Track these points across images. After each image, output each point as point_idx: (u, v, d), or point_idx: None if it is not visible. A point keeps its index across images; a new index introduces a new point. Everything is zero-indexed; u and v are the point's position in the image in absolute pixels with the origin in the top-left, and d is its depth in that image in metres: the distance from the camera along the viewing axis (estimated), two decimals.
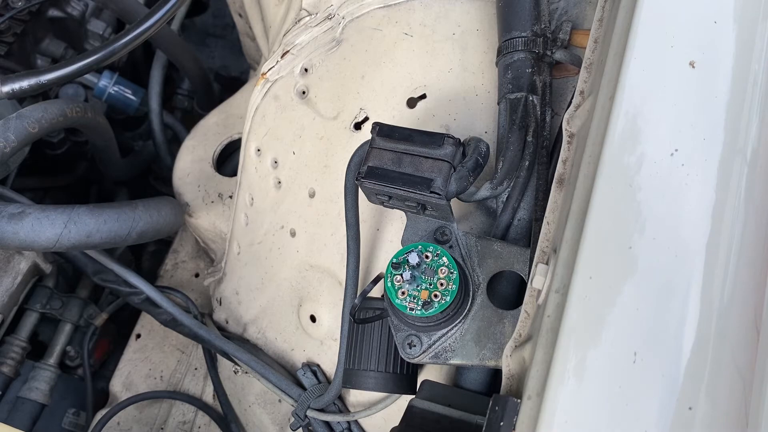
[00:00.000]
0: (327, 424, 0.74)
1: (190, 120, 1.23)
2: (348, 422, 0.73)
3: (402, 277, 0.55)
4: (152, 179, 1.35)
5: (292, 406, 0.77)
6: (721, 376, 0.41)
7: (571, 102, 0.57)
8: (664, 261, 0.43)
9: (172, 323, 0.91)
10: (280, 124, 0.81)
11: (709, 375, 0.40)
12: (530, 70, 0.63)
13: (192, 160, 1.07)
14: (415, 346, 0.58)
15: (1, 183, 0.96)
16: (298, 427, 0.76)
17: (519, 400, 0.43)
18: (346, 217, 0.66)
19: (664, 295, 0.42)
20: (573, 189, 0.49)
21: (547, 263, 0.49)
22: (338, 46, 0.76)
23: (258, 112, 0.84)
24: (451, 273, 0.55)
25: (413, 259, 0.56)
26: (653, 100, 0.48)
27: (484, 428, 0.44)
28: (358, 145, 0.63)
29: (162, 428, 0.97)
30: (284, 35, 0.81)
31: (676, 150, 0.46)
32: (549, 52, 0.64)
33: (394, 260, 0.56)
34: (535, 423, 0.40)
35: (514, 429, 0.42)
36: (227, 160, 1.10)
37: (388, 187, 0.56)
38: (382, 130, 0.59)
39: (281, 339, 0.82)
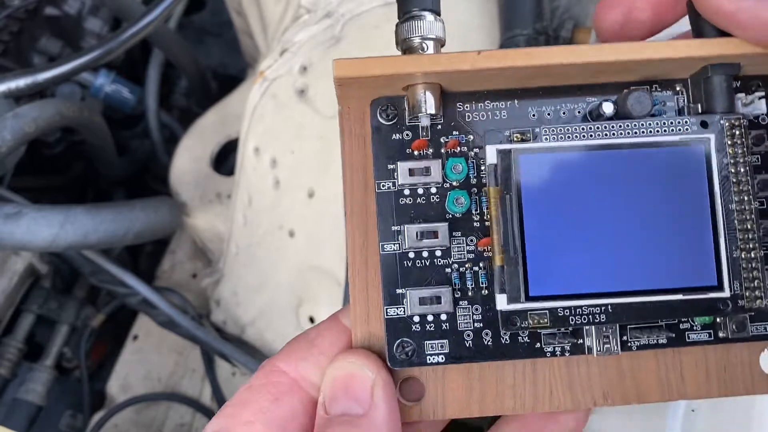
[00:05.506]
0: None
1: (188, 119, 1.21)
2: None
3: None
4: (149, 179, 1.34)
5: None
6: None
7: None
8: None
9: (169, 324, 0.90)
10: (279, 122, 0.80)
11: None
12: None
13: (189, 159, 1.06)
14: None
15: None
16: None
17: None
18: None
19: None
20: None
21: None
22: (337, 43, 0.75)
23: (256, 111, 0.83)
24: None
25: None
26: None
27: None
28: None
29: (160, 430, 0.96)
30: (283, 33, 0.81)
31: None
32: None
33: None
34: None
35: None
36: (225, 159, 1.09)
37: None
38: None
39: (280, 340, 0.82)
